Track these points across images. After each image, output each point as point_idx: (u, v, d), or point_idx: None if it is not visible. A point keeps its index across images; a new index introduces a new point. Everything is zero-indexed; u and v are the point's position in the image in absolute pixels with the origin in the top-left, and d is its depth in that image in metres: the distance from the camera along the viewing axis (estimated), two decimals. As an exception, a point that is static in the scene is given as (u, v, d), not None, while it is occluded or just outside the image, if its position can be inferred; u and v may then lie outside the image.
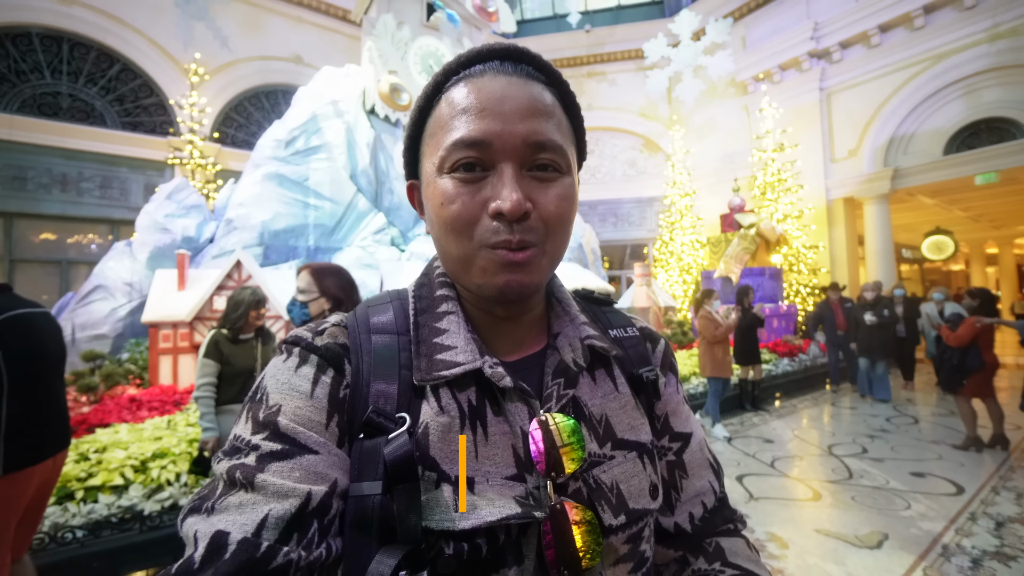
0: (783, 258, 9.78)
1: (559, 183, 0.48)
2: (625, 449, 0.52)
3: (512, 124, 0.45)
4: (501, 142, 0.45)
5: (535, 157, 0.46)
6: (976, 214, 12.53)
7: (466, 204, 0.46)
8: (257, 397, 0.46)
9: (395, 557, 0.38)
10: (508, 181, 0.45)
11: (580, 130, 0.54)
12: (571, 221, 0.50)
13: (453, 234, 0.47)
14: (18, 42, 8.16)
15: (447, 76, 0.50)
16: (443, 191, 0.47)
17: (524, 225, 0.45)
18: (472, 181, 0.46)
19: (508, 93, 0.46)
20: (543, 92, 0.48)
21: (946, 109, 8.81)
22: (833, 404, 6.26)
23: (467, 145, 0.45)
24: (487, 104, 0.46)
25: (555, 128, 0.48)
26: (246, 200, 6.70)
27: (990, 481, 3.56)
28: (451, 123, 0.47)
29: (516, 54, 0.50)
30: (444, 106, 0.48)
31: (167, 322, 5.11)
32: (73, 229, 8.78)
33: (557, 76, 0.51)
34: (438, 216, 0.48)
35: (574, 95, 0.53)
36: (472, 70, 0.49)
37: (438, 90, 0.50)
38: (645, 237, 13.46)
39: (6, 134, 7.94)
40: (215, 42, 9.90)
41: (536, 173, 0.47)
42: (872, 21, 9.38)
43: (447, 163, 0.46)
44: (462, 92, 0.47)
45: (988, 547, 2.65)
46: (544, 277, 0.49)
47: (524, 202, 0.45)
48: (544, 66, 0.50)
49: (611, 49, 13.39)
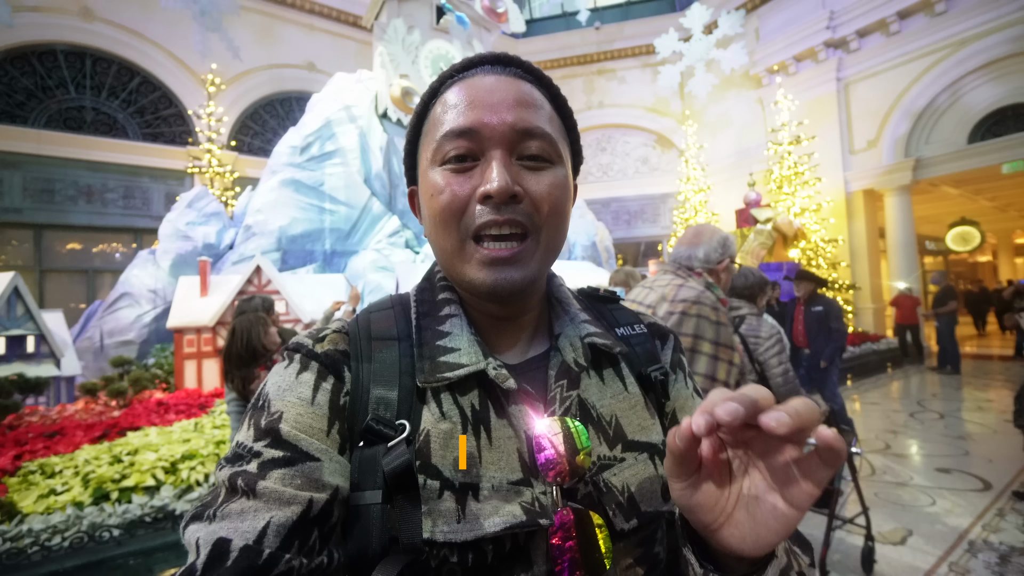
0: (801, 253, 9.61)
1: (550, 172, 0.48)
2: (636, 451, 0.51)
3: (500, 113, 0.46)
4: (489, 130, 0.46)
5: (524, 144, 0.47)
6: (1003, 203, 12.15)
7: (455, 193, 0.46)
8: (259, 404, 0.45)
9: (397, 567, 0.38)
10: (495, 164, 0.45)
11: (573, 132, 0.54)
12: (566, 212, 0.50)
13: (442, 225, 0.47)
14: (44, 59, 8.45)
15: (442, 82, 0.52)
16: (434, 183, 0.48)
17: (514, 208, 0.46)
18: (462, 171, 0.47)
19: (497, 87, 0.48)
20: (532, 89, 0.50)
21: (970, 96, 8.55)
22: (855, 400, 6.15)
23: (457, 135, 0.46)
24: (476, 97, 0.47)
25: (545, 119, 0.49)
26: (264, 206, 6.84)
27: (1020, 476, 3.47)
28: (443, 119, 0.48)
29: (506, 59, 0.51)
30: (438, 107, 0.50)
31: (191, 327, 5.26)
32: (98, 239, 9.05)
33: (547, 79, 0.53)
34: (430, 208, 0.48)
35: (565, 98, 0.54)
36: (465, 74, 0.51)
37: (434, 96, 0.52)
38: (659, 234, 13.34)
39: (35, 148, 8.22)
40: (230, 52, 10.09)
41: (527, 162, 0.48)
42: (891, 8, 9.15)
43: (439, 155, 0.48)
44: (453, 92, 0.49)
45: (1016, 542, 2.59)
46: (539, 270, 0.49)
47: (512, 185, 0.45)
48: (533, 70, 0.52)
49: (621, 45, 13.30)
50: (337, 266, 7.21)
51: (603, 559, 0.44)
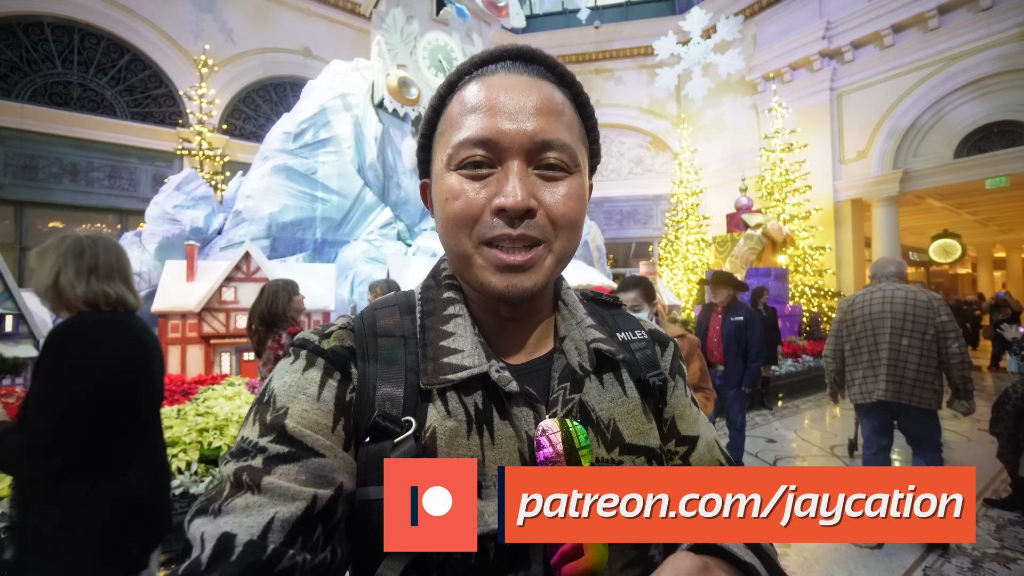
0: (789, 259, 9.75)
1: (566, 182, 0.48)
2: (633, 455, 0.51)
3: (520, 122, 0.45)
4: (508, 139, 0.45)
5: (542, 155, 0.46)
6: (985, 218, 12.46)
7: (470, 200, 0.46)
8: (265, 399, 0.45)
9: (402, 563, 0.39)
10: (512, 177, 0.45)
11: (593, 132, 0.54)
12: (580, 221, 0.49)
13: (455, 230, 0.47)
14: (30, 31, 8.19)
15: (460, 76, 0.50)
16: (449, 187, 0.47)
17: (529, 223, 0.45)
18: (478, 178, 0.46)
19: (517, 91, 0.47)
20: (554, 92, 0.49)
21: (958, 112, 8.74)
22: (835, 406, 6.27)
23: (475, 143, 0.46)
24: (496, 102, 0.46)
25: (564, 128, 0.48)
26: (254, 192, 6.74)
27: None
28: (461, 121, 0.47)
29: (528, 54, 0.50)
30: (455, 105, 0.49)
31: (176, 312, 5.16)
32: (82, 218, 8.84)
33: (569, 77, 0.51)
34: (443, 212, 0.48)
35: (587, 96, 0.53)
36: (484, 70, 0.49)
37: (451, 89, 0.51)
38: (650, 235, 13.43)
39: (17, 123, 7.99)
40: (224, 33, 9.90)
41: (543, 172, 0.47)
42: (885, 21, 9.30)
43: (454, 160, 0.47)
44: (472, 91, 0.48)
45: (989, 548, 2.67)
46: (549, 278, 0.49)
47: (528, 199, 0.45)
48: (556, 66, 0.51)
49: (620, 46, 13.32)
50: (327, 256, 7.13)
51: (599, 561, 0.45)
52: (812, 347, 8.07)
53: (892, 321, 2.66)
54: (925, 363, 2.60)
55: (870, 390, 2.72)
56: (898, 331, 2.64)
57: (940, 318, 2.58)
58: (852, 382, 2.84)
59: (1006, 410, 3.17)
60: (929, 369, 2.61)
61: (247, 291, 5.41)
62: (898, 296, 2.68)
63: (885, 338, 2.67)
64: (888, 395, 2.63)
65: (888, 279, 2.79)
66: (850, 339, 2.84)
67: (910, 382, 2.61)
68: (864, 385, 2.76)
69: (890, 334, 2.66)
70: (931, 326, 2.59)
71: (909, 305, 2.64)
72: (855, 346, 2.81)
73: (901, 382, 2.62)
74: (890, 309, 2.68)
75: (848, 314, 2.86)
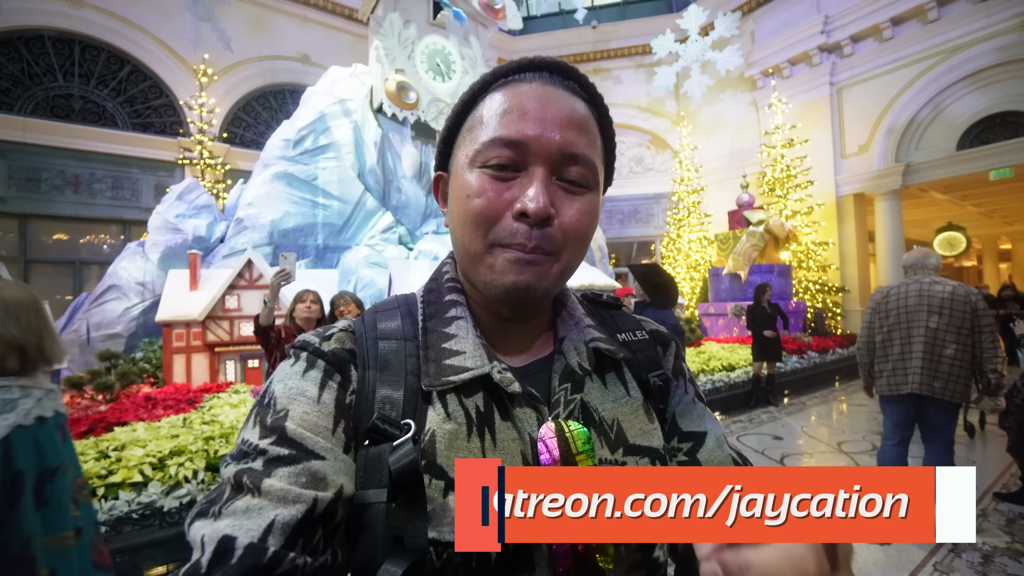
0: (792, 255, 9.71)
1: (585, 198, 0.49)
2: (637, 455, 0.51)
3: (551, 131, 0.46)
4: (537, 146, 0.46)
5: (566, 168, 0.47)
6: (989, 210, 12.35)
7: (491, 200, 0.46)
8: (265, 401, 0.45)
9: (401, 566, 0.38)
10: (537, 183, 0.46)
11: (611, 154, 0.55)
12: (589, 236, 0.50)
13: (472, 227, 0.47)
14: (31, 45, 8.28)
15: (496, 77, 0.51)
16: (471, 184, 0.47)
17: (544, 232, 0.46)
18: (501, 179, 0.47)
19: (551, 102, 0.47)
20: (584, 108, 0.50)
21: (959, 103, 8.68)
22: (842, 401, 6.24)
23: (504, 144, 0.46)
24: (529, 108, 0.47)
25: (589, 144, 0.49)
26: (256, 200, 6.78)
27: (1002, 478, 3.54)
28: (491, 121, 0.48)
29: (565, 69, 0.51)
30: (488, 103, 0.49)
31: (180, 321, 5.20)
32: (85, 230, 8.91)
33: (599, 98, 0.53)
34: (462, 208, 0.48)
35: (611, 119, 0.54)
36: (521, 76, 0.50)
37: (484, 89, 0.51)
38: (652, 234, 13.41)
39: (20, 136, 8.06)
40: (223, 42, 9.97)
41: (564, 184, 0.48)
42: (884, 14, 9.25)
43: (480, 158, 0.47)
44: (508, 93, 0.48)
45: (999, 543, 2.64)
46: (553, 285, 0.49)
47: (549, 207, 0.45)
48: (589, 86, 0.52)
49: (617, 45, 13.32)
50: (329, 261, 7.16)
51: (604, 563, 0.44)
52: (817, 343, 8.02)
53: (928, 314, 2.65)
54: (960, 357, 2.59)
55: (899, 382, 2.72)
56: (935, 324, 2.63)
57: (977, 312, 2.58)
58: (880, 374, 2.83)
59: (1015, 404, 3.15)
60: (964, 363, 2.60)
61: (250, 299, 5.43)
62: (936, 289, 2.67)
63: (920, 331, 2.66)
64: (922, 388, 2.63)
65: (926, 271, 2.78)
66: (881, 331, 2.83)
67: (943, 376, 2.60)
68: (893, 377, 2.75)
69: (926, 327, 2.64)
70: (967, 320, 2.58)
71: (947, 299, 2.63)
72: (887, 338, 2.79)
73: (934, 375, 2.61)
74: (927, 302, 2.67)
75: (882, 305, 2.85)
